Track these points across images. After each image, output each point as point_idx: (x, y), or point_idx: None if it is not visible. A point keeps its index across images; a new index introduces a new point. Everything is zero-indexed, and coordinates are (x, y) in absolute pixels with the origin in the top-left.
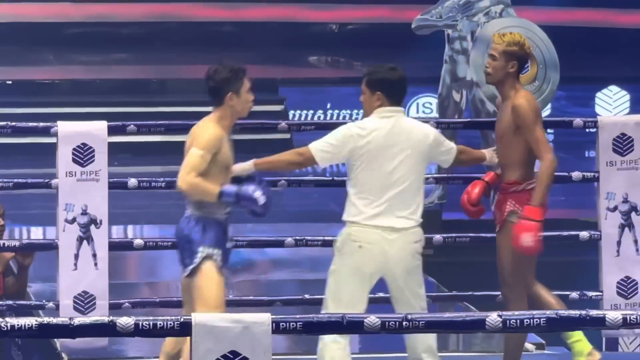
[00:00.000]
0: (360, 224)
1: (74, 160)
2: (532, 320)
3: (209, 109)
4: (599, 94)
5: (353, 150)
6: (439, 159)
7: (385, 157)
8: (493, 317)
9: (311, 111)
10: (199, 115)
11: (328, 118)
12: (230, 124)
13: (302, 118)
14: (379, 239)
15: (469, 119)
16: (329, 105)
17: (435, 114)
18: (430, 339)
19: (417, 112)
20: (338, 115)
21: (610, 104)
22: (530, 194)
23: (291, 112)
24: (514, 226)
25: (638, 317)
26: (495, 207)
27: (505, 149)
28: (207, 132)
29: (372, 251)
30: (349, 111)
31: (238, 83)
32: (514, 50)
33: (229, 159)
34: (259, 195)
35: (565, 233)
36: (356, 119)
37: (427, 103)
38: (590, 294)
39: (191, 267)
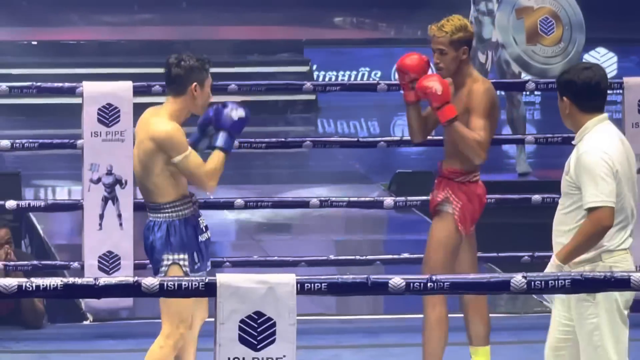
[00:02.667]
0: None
1: (99, 121)
2: (556, 281)
3: (233, 69)
4: (586, 56)
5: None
6: None
7: None
8: (518, 279)
9: (336, 72)
10: (223, 76)
11: (353, 79)
12: (185, 118)
13: (327, 79)
14: None
15: (494, 80)
16: (354, 67)
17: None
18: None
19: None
20: (363, 76)
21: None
22: (469, 187)
23: (316, 73)
24: None
25: None
26: (432, 192)
27: (453, 137)
28: (175, 134)
29: None
30: (377, 71)
31: (204, 74)
32: (460, 37)
33: None
34: (233, 109)
35: None
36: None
37: None
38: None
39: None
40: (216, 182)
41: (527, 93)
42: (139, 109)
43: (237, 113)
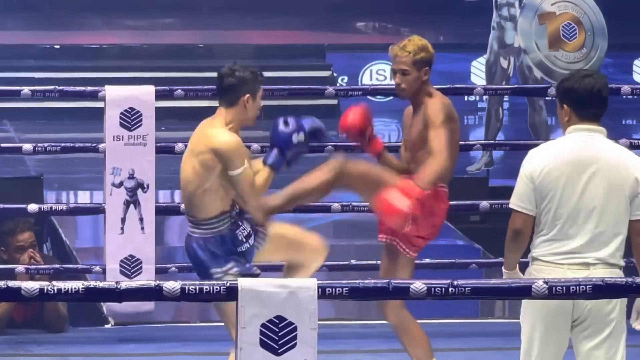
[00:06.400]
0: None
1: (122, 125)
2: (578, 287)
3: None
4: (636, 62)
5: None
6: None
7: None
8: (539, 284)
9: (358, 77)
10: None
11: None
12: (238, 130)
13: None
14: None
15: (516, 86)
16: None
17: (388, 81)
18: None
19: (371, 79)
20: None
21: None
22: (435, 195)
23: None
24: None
25: None
26: None
27: (417, 155)
28: (234, 144)
29: None
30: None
31: (257, 86)
32: (422, 57)
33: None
34: (290, 127)
35: None
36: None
37: (381, 70)
38: None
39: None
40: (259, 201)
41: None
42: (160, 113)
43: (297, 137)
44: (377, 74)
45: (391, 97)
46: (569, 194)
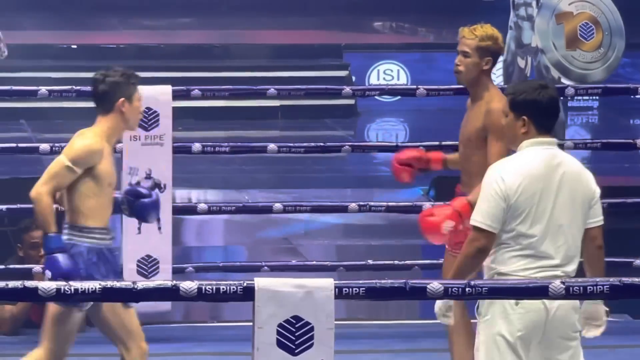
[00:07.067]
0: None
1: (139, 125)
2: (595, 287)
3: (272, 74)
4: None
5: None
6: None
7: None
8: (556, 284)
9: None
10: (262, 81)
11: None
12: (118, 136)
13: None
14: None
15: None
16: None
17: (395, 81)
18: None
19: (378, 79)
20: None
21: None
22: None
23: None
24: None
25: None
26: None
27: (470, 153)
28: (81, 142)
29: None
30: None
31: (131, 89)
32: (488, 45)
33: (111, 176)
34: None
35: (630, 200)
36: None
37: (388, 70)
38: None
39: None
40: (34, 197)
41: (583, 98)
42: (178, 113)
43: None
44: (384, 73)
45: (399, 97)
46: (542, 210)
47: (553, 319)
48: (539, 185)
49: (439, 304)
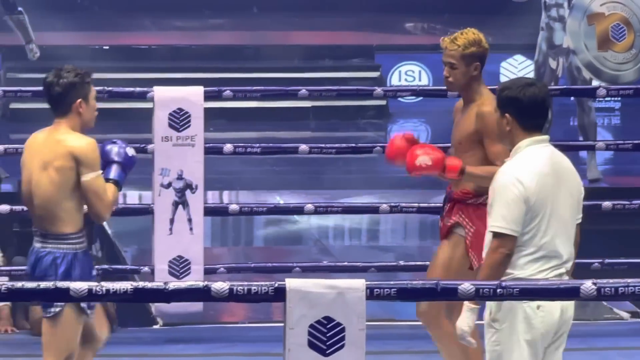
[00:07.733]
0: None
1: (170, 125)
2: (626, 288)
3: (304, 75)
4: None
5: None
6: None
7: None
8: (587, 285)
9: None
10: (294, 82)
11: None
12: None
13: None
14: None
15: (565, 87)
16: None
17: (417, 82)
18: None
19: (400, 80)
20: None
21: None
22: (483, 211)
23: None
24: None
25: None
26: (444, 216)
27: (463, 156)
28: (84, 145)
29: None
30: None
31: (86, 88)
32: (472, 52)
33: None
34: (124, 146)
35: None
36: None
37: (410, 71)
38: None
39: (53, 311)
40: (109, 215)
41: (606, 99)
42: (209, 114)
43: (130, 150)
44: (405, 74)
45: (420, 98)
46: (552, 210)
47: (566, 317)
48: (549, 184)
49: (464, 327)
